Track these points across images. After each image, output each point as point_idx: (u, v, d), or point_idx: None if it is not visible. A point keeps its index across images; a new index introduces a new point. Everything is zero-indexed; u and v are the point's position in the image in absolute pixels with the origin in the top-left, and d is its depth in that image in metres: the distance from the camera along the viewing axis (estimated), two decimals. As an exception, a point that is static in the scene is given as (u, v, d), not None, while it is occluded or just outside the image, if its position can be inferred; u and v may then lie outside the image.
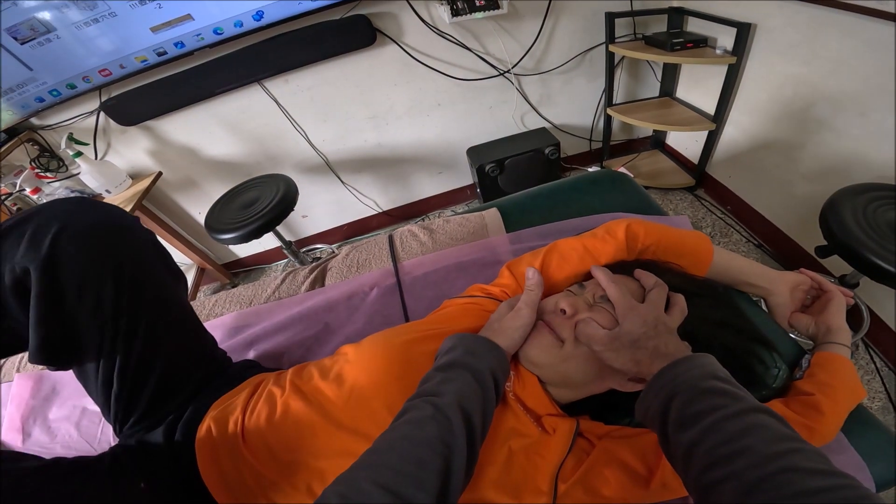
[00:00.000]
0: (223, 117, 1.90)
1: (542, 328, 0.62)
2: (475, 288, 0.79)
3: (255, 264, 2.55)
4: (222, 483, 0.59)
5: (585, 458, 0.58)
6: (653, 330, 0.55)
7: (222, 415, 0.64)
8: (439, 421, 0.47)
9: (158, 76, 1.68)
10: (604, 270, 0.65)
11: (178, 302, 0.70)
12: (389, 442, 0.46)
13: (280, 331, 0.93)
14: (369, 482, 0.40)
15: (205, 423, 0.64)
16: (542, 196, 1.12)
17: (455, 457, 0.45)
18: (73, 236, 0.56)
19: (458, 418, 0.47)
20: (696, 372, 0.48)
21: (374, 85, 1.96)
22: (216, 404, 0.67)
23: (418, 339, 0.65)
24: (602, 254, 0.75)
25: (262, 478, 0.58)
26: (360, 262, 1.02)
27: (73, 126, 1.74)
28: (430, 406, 0.48)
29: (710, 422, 0.42)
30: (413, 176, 2.37)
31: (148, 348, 0.62)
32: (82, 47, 1.49)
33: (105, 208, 0.63)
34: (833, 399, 0.61)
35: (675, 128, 2.04)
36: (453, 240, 1.02)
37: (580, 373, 0.60)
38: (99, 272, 0.58)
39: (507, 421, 0.58)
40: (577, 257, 0.75)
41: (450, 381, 0.52)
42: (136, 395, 0.63)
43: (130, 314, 0.60)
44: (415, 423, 0.47)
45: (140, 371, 0.63)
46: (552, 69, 2.11)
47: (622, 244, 0.75)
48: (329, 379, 0.64)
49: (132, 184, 1.86)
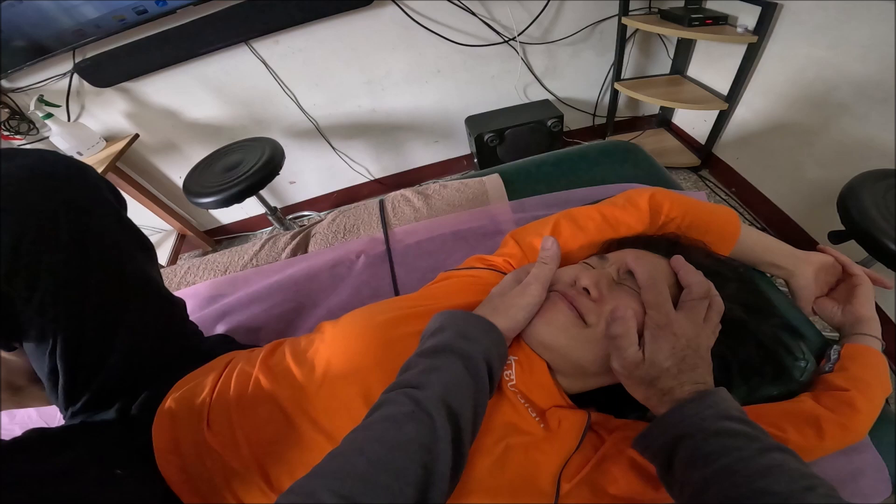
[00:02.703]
0: (207, 79, 1.82)
1: (559, 302, 0.53)
2: (475, 259, 0.70)
3: (239, 231, 2.48)
4: (180, 471, 0.51)
5: (593, 455, 0.51)
6: (677, 366, 0.47)
7: (187, 395, 0.56)
8: (419, 420, 0.39)
9: (138, 36, 1.60)
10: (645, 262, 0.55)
11: (140, 275, 0.59)
12: (358, 444, 0.38)
13: (256, 301, 0.84)
14: (330, 493, 0.33)
15: (166, 402, 0.55)
16: (548, 164, 1.04)
17: (437, 464, 0.38)
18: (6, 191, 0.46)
19: (442, 417, 0.40)
20: (708, 412, 0.43)
21: (371, 48, 1.88)
22: (180, 383, 0.59)
23: (404, 316, 0.56)
24: (621, 224, 0.68)
25: (226, 467, 0.50)
26: (348, 227, 0.94)
27: (45, 88, 1.67)
28: (410, 401, 0.41)
29: (726, 462, 0.39)
30: (408, 144, 2.30)
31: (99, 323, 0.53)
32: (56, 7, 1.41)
33: (51, 154, 0.52)
34: (868, 396, 0.56)
35: (686, 105, 1.98)
36: (450, 206, 0.93)
37: (597, 362, 0.52)
38: (36, 234, 0.47)
39: (503, 414, 0.50)
40: (593, 226, 0.68)
41: (435, 369, 0.44)
42: (87, 376, 0.55)
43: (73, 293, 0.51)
44: (390, 421, 0.40)
45: (92, 347, 0.54)
46: (560, 39, 2.02)
47: (645, 215, 0.68)
48: (302, 361, 0.55)
49: (106, 146, 1.79)
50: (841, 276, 0.72)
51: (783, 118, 1.71)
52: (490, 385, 0.46)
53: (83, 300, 0.52)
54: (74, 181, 0.53)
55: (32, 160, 0.50)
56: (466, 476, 0.45)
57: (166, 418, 0.54)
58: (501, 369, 0.50)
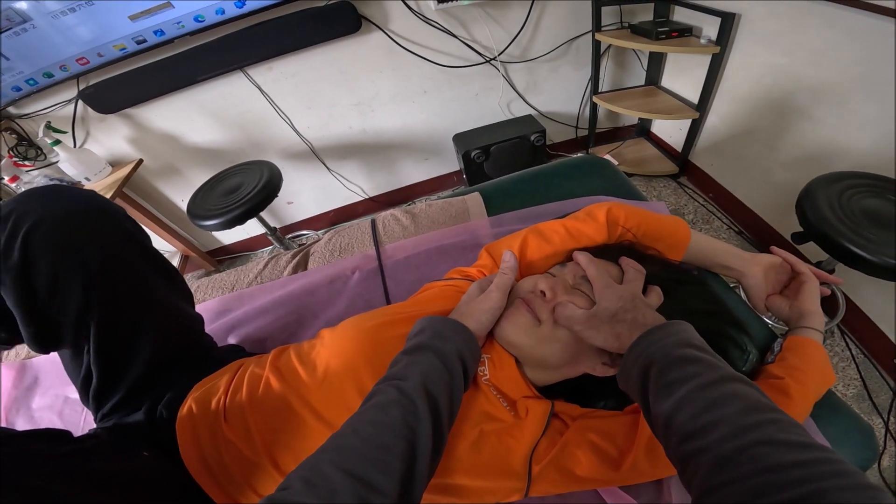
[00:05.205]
0: (205, 105, 1.88)
1: (520, 307, 0.62)
2: (455, 271, 0.80)
3: (240, 251, 2.53)
4: (201, 462, 0.59)
5: (559, 439, 0.59)
6: (630, 303, 0.56)
7: (204, 395, 0.64)
8: (404, 404, 0.47)
9: (138, 64, 1.66)
10: (585, 254, 0.66)
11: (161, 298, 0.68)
12: (354, 426, 0.46)
13: (262, 314, 0.93)
14: (332, 466, 0.40)
15: (186, 402, 0.64)
16: (523, 181, 1.13)
17: (420, 440, 0.45)
18: (47, 232, 0.56)
19: (422, 401, 0.47)
20: (671, 339, 0.48)
21: (360, 72, 1.95)
22: (198, 385, 0.67)
23: (389, 322, 0.65)
24: (583, 235, 0.76)
25: (242, 457, 0.59)
26: (343, 246, 1.03)
27: (51, 114, 1.72)
28: (395, 390, 0.48)
29: (685, 391, 0.41)
30: (399, 162, 2.37)
31: (125, 340, 0.63)
32: (59, 36, 1.47)
33: (83, 194, 0.62)
34: (802, 383, 0.60)
35: (660, 116, 2.06)
36: (435, 223, 1.02)
37: (557, 355, 0.61)
38: (69, 268, 0.57)
39: (479, 404, 0.59)
40: (558, 239, 0.76)
41: (415, 364, 0.52)
42: (115, 382, 0.64)
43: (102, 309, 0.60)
44: (379, 406, 0.47)
45: (119, 360, 0.63)
46: (538, 57, 2.11)
47: (603, 227, 0.76)
48: (305, 362, 0.64)
49: (112, 171, 1.85)
50: (791, 276, 0.77)
51: (749, 124, 1.79)
52: (465, 377, 0.55)
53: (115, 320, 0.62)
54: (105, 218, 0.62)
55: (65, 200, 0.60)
56: (448, 457, 0.54)
57: (188, 415, 0.62)
58: (475, 364, 0.58)
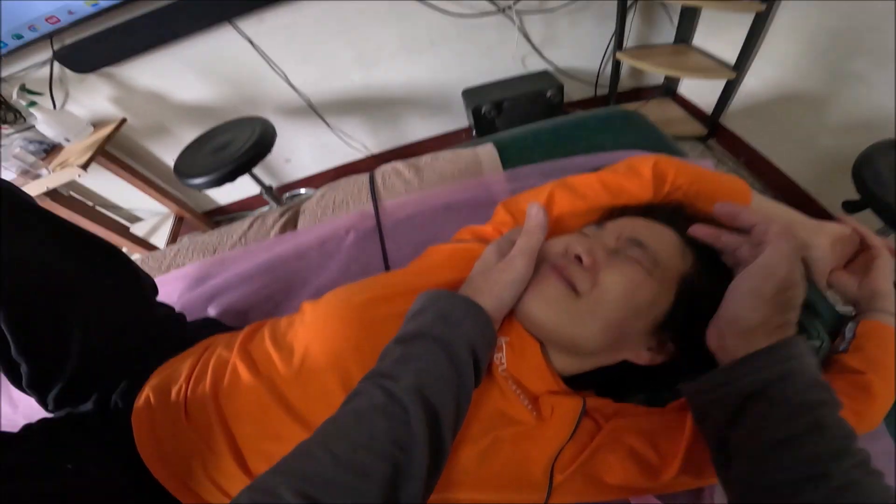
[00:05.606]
0: (193, 61, 1.79)
1: (551, 274, 0.49)
2: (465, 231, 0.67)
3: (237, 211, 2.47)
4: (160, 458, 0.50)
5: (589, 443, 0.48)
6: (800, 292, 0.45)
7: (164, 383, 0.54)
8: (391, 413, 0.36)
9: (115, 21, 1.56)
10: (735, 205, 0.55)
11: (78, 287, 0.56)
12: (325, 438, 0.36)
13: (245, 281, 0.82)
14: (291, 492, 0.31)
15: (143, 391, 0.54)
16: (544, 132, 1.00)
17: (411, 462, 0.35)
18: None
19: (417, 409, 0.36)
20: (811, 358, 0.41)
21: (361, 22, 1.81)
22: (159, 370, 0.57)
23: (385, 296, 0.53)
24: (623, 192, 0.64)
25: (204, 456, 0.49)
26: (337, 203, 0.90)
27: (26, 77, 1.65)
28: (382, 392, 0.38)
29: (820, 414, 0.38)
30: (404, 118, 2.25)
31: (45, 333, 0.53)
32: None
33: None
34: (886, 379, 0.51)
35: (692, 74, 1.93)
36: (443, 178, 0.89)
37: (596, 338, 0.48)
38: None
39: (492, 401, 0.47)
40: (592, 194, 0.64)
41: (411, 358, 0.40)
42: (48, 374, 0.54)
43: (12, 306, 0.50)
44: (359, 414, 0.37)
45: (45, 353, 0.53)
46: (558, 8, 1.94)
47: (648, 183, 0.64)
48: (281, 345, 0.53)
49: (94, 131, 1.77)
50: (859, 248, 0.65)
51: (794, 88, 1.66)
52: (476, 374, 0.43)
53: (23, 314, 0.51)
54: None
55: None
56: (451, 469, 0.43)
57: (144, 407, 0.53)
58: (489, 355, 0.46)
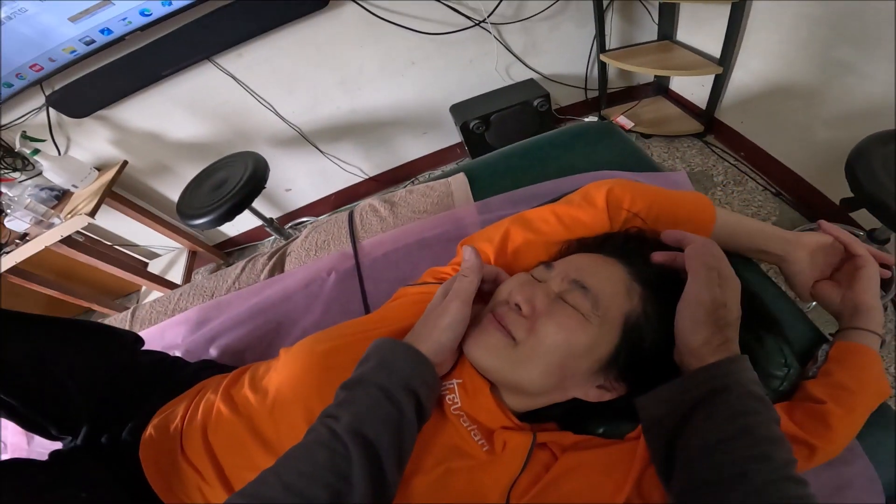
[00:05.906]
0: (180, 99, 1.83)
1: (490, 323, 0.52)
2: (429, 273, 0.70)
3: (247, 242, 2.52)
4: (168, 490, 0.57)
5: (544, 474, 0.50)
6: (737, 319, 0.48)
7: (164, 421, 0.61)
8: (332, 447, 0.41)
9: (97, 65, 1.61)
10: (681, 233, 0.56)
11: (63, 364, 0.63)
12: (277, 467, 0.42)
13: (239, 324, 0.87)
14: None
15: (148, 429, 0.60)
16: (515, 156, 1.02)
17: (351, 490, 0.39)
18: None
19: (356, 445, 0.41)
20: (748, 374, 0.45)
21: (338, 49, 1.85)
22: (161, 410, 0.63)
23: (344, 345, 0.57)
24: (578, 224, 0.63)
25: (201, 487, 0.56)
26: (320, 244, 0.94)
27: (25, 123, 1.71)
28: (326, 430, 0.43)
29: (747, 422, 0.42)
30: (396, 139, 2.27)
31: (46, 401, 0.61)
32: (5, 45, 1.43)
33: None
34: (847, 408, 0.51)
35: (678, 72, 1.91)
36: (416, 213, 0.92)
37: (537, 381, 0.50)
38: None
39: (446, 437, 0.50)
40: (548, 229, 0.63)
41: (351, 402, 0.45)
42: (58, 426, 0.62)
43: None
44: (305, 448, 0.43)
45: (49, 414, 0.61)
46: (534, 15, 1.94)
47: (602, 212, 0.63)
48: (257, 388, 0.58)
49: (99, 175, 1.82)
50: (844, 256, 0.62)
51: (784, 79, 1.63)
52: (420, 412, 0.47)
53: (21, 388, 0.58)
54: None
55: None
56: (405, 496, 0.46)
57: (149, 442, 0.59)
58: (433, 394, 0.49)
